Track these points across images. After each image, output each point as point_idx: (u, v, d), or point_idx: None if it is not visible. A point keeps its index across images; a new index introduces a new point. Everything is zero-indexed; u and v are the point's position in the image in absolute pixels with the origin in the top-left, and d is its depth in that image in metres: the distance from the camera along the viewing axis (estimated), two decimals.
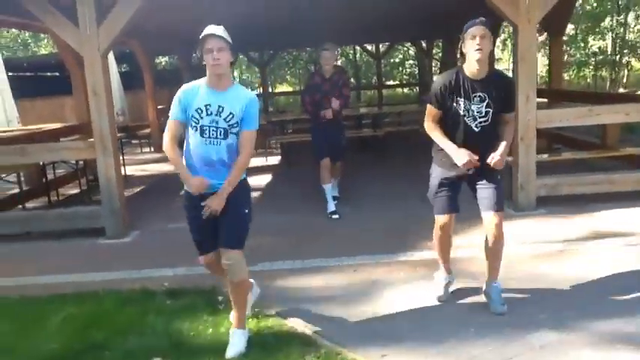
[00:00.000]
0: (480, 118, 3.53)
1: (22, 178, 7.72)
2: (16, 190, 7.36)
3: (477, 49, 3.40)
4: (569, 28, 19.16)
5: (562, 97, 8.92)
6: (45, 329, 3.77)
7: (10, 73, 14.58)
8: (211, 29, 3.15)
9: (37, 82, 19.06)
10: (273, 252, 5.14)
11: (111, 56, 13.84)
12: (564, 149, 8.29)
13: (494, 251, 3.72)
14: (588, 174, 6.07)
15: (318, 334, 3.50)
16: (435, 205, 3.81)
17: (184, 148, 3.31)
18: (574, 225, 5.38)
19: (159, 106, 13.50)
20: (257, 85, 26.42)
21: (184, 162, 3.29)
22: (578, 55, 19.42)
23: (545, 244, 4.92)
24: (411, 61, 26.09)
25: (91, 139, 5.75)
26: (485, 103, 3.51)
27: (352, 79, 25.31)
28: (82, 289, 4.47)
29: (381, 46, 19.67)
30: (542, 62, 20.38)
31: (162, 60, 25.18)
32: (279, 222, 6.18)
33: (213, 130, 3.19)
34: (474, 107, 3.53)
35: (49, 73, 19.11)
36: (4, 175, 7.29)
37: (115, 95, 13.90)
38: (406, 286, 4.19)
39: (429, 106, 3.66)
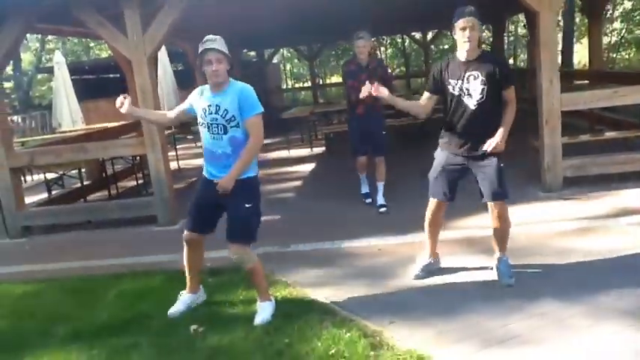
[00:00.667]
0: (476, 95, 3.74)
1: (84, 174, 8.47)
2: (78, 185, 8.07)
3: (466, 41, 3.69)
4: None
5: (602, 79, 8.89)
6: (100, 302, 4.34)
7: (73, 77, 15.65)
8: (210, 43, 3.56)
9: (99, 83, 20.19)
10: (305, 234, 5.55)
11: (165, 56, 14.66)
12: (607, 129, 8.28)
13: (498, 235, 4.03)
14: (614, 154, 6.16)
15: (336, 305, 3.89)
16: (430, 187, 4.07)
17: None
18: (599, 204, 5.53)
19: None
20: (307, 77, 26.82)
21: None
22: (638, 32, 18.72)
23: (570, 222, 5.10)
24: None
25: (142, 137, 6.33)
26: (479, 81, 3.72)
27: (402, 68, 25.44)
28: (135, 270, 5.03)
29: (428, 33, 19.74)
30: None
31: None
32: (314, 207, 6.61)
33: (214, 127, 3.63)
34: (468, 86, 3.75)
35: (110, 75, 20.20)
36: (67, 172, 8.01)
37: (170, 93, 14.76)
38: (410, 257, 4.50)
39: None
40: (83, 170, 8.16)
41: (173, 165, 9.19)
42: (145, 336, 3.70)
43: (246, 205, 3.67)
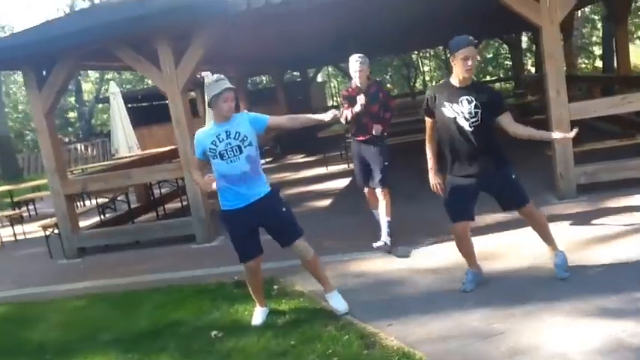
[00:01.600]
0: (471, 118, 3.97)
1: (135, 197, 9.20)
2: (126, 208, 8.79)
3: (468, 69, 3.95)
4: None
5: (631, 84, 8.94)
6: (138, 313, 4.90)
7: (129, 105, 16.70)
8: (225, 83, 4.00)
9: (152, 110, 21.30)
10: (323, 247, 5.96)
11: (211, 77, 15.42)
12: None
13: (540, 234, 4.33)
14: (627, 160, 6.27)
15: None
16: (449, 213, 4.22)
17: (216, 179, 4.15)
18: (613, 210, 5.65)
19: None
20: None
21: (219, 189, 4.16)
22: None
23: (580, 229, 5.27)
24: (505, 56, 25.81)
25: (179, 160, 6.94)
26: (473, 105, 3.96)
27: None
28: (172, 284, 5.59)
29: None
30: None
31: (264, 78, 26.87)
32: (336, 222, 7.02)
33: (229, 151, 3.99)
34: (463, 109, 3.98)
35: (161, 102, 21.30)
36: (117, 196, 8.75)
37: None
38: (434, 271, 4.84)
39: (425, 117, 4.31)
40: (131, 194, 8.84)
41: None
42: (173, 341, 4.23)
43: (283, 209, 4.18)
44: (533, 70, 21.72)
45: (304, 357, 3.63)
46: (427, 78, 28.53)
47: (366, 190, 5.83)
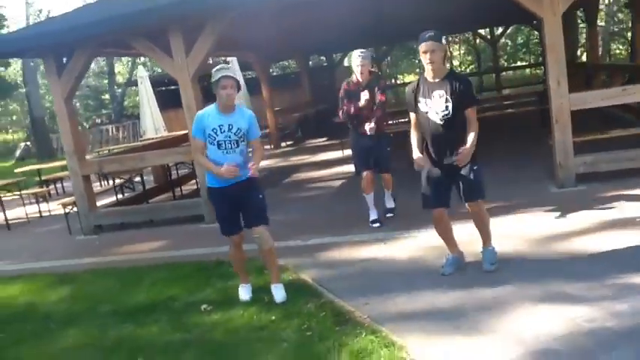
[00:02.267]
0: (441, 112, 4.14)
1: (153, 178, 9.55)
2: (147, 188, 9.14)
3: (428, 63, 4.10)
4: None
5: None
6: (138, 288, 5.21)
7: (157, 89, 17.11)
8: (225, 71, 4.22)
9: (179, 94, 21.67)
10: (318, 228, 6.19)
11: (236, 64, 15.75)
12: None
13: (479, 228, 4.46)
14: (627, 150, 6.27)
15: (325, 289, 4.50)
16: (424, 200, 4.42)
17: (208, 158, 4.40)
18: (609, 199, 5.68)
19: (276, 108, 15.12)
20: None
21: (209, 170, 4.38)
22: None
23: (574, 218, 5.31)
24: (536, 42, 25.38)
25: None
26: (444, 99, 4.11)
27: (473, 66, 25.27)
28: (175, 261, 5.88)
29: (496, 30, 19.65)
30: None
31: (292, 63, 27.00)
32: (340, 206, 7.22)
33: (227, 143, 4.25)
34: (434, 103, 4.14)
35: None
36: (133, 177, 9.10)
37: (241, 100, 15.74)
38: (419, 255, 5.00)
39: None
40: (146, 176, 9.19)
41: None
42: (166, 314, 4.52)
43: (260, 196, 4.43)
44: None
45: (280, 331, 3.86)
46: (456, 63, 28.29)
47: (364, 173, 5.92)
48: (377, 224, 5.94)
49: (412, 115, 4.41)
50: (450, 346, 3.35)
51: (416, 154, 4.35)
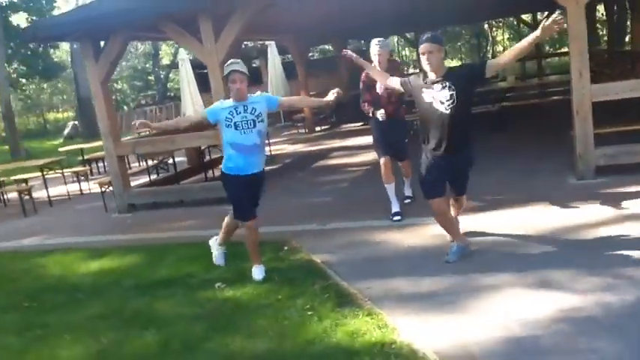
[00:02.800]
0: (447, 101, 4.22)
1: (187, 159, 9.90)
2: (181, 169, 9.50)
3: (427, 64, 4.22)
4: None
5: None
6: (161, 264, 5.53)
7: (199, 71, 17.48)
8: (234, 66, 4.48)
9: None
10: (340, 215, 6.37)
11: (275, 49, 15.96)
12: None
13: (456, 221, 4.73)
14: None
15: (333, 272, 4.69)
16: (423, 191, 4.58)
17: (224, 145, 4.71)
18: (627, 193, 5.65)
19: (311, 93, 15.27)
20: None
21: (228, 153, 4.68)
22: None
23: (588, 209, 5.36)
24: None
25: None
26: (447, 88, 4.20)
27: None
28: (198, 240, 6.15)
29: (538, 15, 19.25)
30: None
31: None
32: (361, 191, 7.39)
33: (244, 123, 4.54)
34: (438, 94, 4.23)
35: None
36: (166, 159, 9.46)
37: (278, 84, 15.99)
38: (428, 242, 5.13)
39: None
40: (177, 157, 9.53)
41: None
42: (182, 289, 4.81)
43: (264, 190, 4.95)
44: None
45: (284, 309, 4.09)
46: (500, 48, 27.75)
47: (382, 160, 5.98)
48: (398, 217, 5.82)
49: (398, 80, 4.66)
50: (440, 328, 3.52)
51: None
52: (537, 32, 3.93)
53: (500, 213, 5.60)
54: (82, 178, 10.79)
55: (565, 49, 24.86)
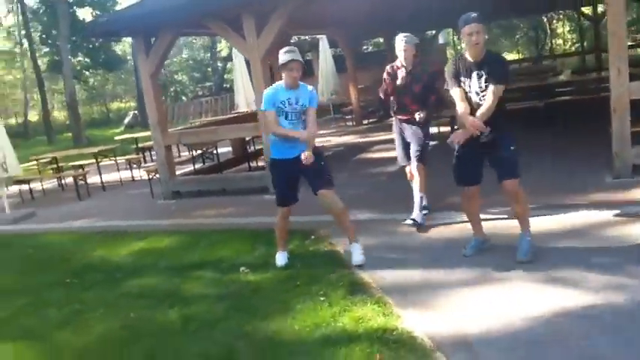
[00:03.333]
0: (481, 92, 4.27)
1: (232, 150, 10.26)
2: (226, 159, 9.85)
3: (475, 44, 4.21)
4: None
5: None
6: (195, 248, 5.86)
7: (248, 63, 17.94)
8: (293, 54, 4.65)
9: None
10: (371, 207, 6.52)
11: (326, 42, 16.17)
12: None
13: (515, 212, 4.52)
14: None
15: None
16: (455, 178, 4.58)
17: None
18: None
19: (360, 86, 15.42)
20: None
21: (271, 141, 4.94)
22: None
23: (624, 209, 5.24)
24: None
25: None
26: (483, 79, 4.24)
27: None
28: (233, 227, 6.46)
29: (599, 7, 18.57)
30: None
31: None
32: (393, 185, 7.49)
33: (293, 114, 4.76)
34: (474, 84, 4.29)
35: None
36: (210, 149, 9.84)
37: (329, 76, 16.17)
38: (450, 237, 5.22)
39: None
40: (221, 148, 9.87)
41: None
42: (210, 272, 5.11)
43: (322, 163, 4.84)
44: None
45: (300, 295, 4.30)
46: (559, 41, 26.95)
47: (407, 168, 5.89)
48: (410, 222, 5.52)
49: (457, 92, 4.42)
50: (443, 318, 3.64)
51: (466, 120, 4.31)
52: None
53: (532, 210, 5.57)
54: (135, 165, 11.33)
55: (631, 42, 23.93)
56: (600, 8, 18.64)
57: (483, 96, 4.28)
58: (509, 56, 29.56)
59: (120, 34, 9.25)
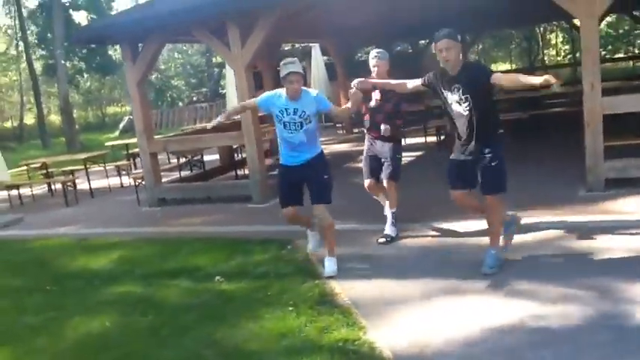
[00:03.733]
0: (463, 103, 4.38)
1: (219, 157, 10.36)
2: (215, 166, 9.95)
3: (445, 61, 4.35)
4: None
5: None
6: (174, 256, 5.95)
7: None
8: (292, 66, 4.74)
9: (259, 77, 22.53)
10: (352, 216, 6.60)
11: (318, 51, 16.33)
12: None
13: (488, 224, 4.65)
14: None
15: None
16: (449, 181, 4.70)
17: (277, 136, 5.05)
18: (634, 206, 5.66)
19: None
20: None
21: (280, 145, 5.02)
22: None
23: (593, 222, 5.37)
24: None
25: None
26: (461, 91, 4.35)
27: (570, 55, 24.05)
28: (214, 235, 6.56)
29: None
30: None
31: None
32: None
33: (292, 124, 4.83)
34: (454, 96, 4.40)
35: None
36: (195, 156, 9.94)
37: (321, 85, 16.31)
38: (428, 246, 5.35)
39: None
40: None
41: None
42: (186, 280, 5.19)
43: (325, 176, 4.96)
44: None
45: (270, 305, 4.39)
46: (552, 52, 27.16)
47: (367, 182, 5.85)
48: (383, 240, 5.58)
49: (417, 82, 4.71)
50: (405, 329, 3.74)
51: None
52: (536, 82, 4.04)
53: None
54: (124, 172, 11.42)
55: (620, 55, 24.17)
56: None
57: (467, 107, 4.37)
58: (503, 67, 29.76)
59: (105, 42, 9.39)
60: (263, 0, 7.13)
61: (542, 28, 24.99)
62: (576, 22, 18.94)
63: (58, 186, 10.92)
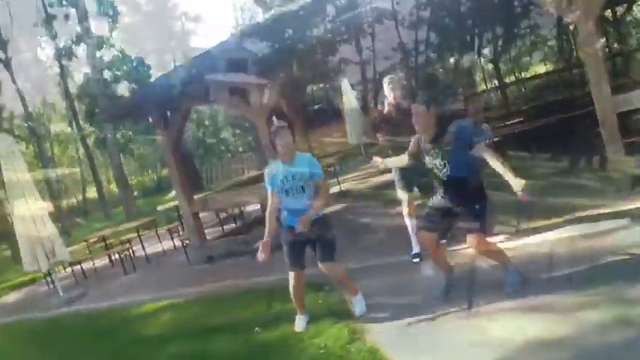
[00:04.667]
0: (442, 169, 4.47)
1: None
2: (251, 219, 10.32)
3: (415, 125, 4.52)
4: None
5: None
6: (219, 312, 6.32)
7: None
8: (275, 123, 5.01)
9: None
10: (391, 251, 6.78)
11: (346, 83, 16.64)
12: None
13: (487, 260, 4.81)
14: None
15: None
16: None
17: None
18: None
19: None
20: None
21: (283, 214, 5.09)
22: None
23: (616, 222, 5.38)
24: None
25: None
26: (440, 157, 4.45)
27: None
28: (256, 287, 6.83)
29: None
30: None
31: None
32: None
33: (294, 190, 4.91)
34: (435, 162, 4.51)
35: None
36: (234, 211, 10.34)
37: (355, 118, 16.47)
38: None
39: None
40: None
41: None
42: (229, 334, 5.55)
43: (329, 237, 5.01)
44: None
45: (303, 350, 4.64)
46: None
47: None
48: (417, 259, 5.94)
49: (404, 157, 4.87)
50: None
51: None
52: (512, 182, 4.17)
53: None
54: (175, 234, 11.94)
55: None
56: (620, 9, 18.46)
57: (444, 172, 4.48)
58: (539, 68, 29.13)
59: (130, 117, 10.00)
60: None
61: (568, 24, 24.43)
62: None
63: (117, 256, 11.54)
